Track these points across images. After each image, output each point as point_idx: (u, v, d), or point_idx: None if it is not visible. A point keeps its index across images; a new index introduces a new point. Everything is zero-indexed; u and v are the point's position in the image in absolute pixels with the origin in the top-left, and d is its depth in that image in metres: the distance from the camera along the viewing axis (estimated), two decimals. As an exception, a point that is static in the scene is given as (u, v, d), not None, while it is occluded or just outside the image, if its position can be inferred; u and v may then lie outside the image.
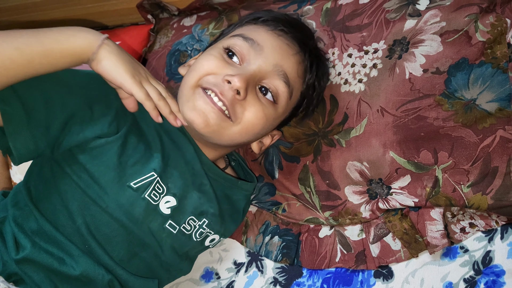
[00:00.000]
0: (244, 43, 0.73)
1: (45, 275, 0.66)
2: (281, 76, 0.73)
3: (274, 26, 0.76)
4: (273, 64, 0.72)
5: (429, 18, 0.77)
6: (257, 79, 0.72)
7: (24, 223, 0.68)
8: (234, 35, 0.75)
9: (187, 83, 0.72)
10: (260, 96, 0.73)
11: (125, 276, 0.70)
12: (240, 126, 0.71)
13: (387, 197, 0.77)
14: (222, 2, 1.04)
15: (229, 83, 0.68)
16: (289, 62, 0.74)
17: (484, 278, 0.65)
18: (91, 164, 0.68)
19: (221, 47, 0.74)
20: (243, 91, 0.68)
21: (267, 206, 0.89)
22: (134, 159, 0.69)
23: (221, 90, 0.69)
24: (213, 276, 0.86)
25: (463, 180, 0.71)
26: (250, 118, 0.71)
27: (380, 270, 0.74)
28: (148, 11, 1.14)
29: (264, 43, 0.73)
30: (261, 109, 0.72)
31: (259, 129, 0.74)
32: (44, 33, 0.61)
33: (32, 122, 0.63)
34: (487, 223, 0.69)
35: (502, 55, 0.72)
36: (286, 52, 0.74)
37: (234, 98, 0.69)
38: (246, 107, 0.71)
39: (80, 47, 0.62)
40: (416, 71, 0.77)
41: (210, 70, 0.71)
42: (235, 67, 0.72)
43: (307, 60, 0.77)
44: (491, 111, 0.71)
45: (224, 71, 0.70)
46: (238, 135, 0.72)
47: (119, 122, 0.70)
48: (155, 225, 0.71)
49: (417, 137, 0.75)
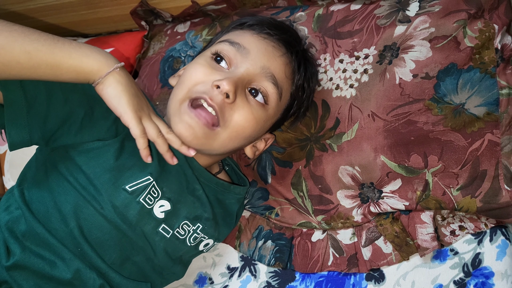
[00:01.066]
0: (230, 48, 0.74)
1: (35, 283, 0.66)
2: (269, 77, 0.74)
3: (259, 30, 0.77)
4: (260, 66, 0.73)
5: (419, 24, 0.79)
6: (246, 82, 0.72)
7: (14, 226, 0.68)
8: (220, 41, 0.76)
9: (176, 97, 0.73)
10: (250, 98, 0.73)
11: (117, 280, 0.70)
12: (229, 130, 0.72)
13: (378, 201, 0.78)
14: (216, 9, 1.05)
15: (218, 88, 0.69)
16: (276, 63, 0.75)
17: (474, 280, 0.66)
18: (87, 166, 0.68)
19: (208, 54, 0.75)
20: (232, 94, 0.69)
21: (260, 211, 0.89)
22: (131, 163, 0.70)
23: (210, 96, 0.69)
24: (206, 281, 0.86)
25: (453, 183, 0.72)
26: (239, 120, 0.72)
27: (371, 273, 0.75)
28: (141, 17, 1.15)
29: (250, 46, 0.74)
30: (250, 111, 0.72)
31: (250, 131, 0.74)
32: (61, 44, 0.61)
33: (31, 113, 0.63)
34: (476, 225, 0.70)
35: (490, 60, 0.73)
36: (273, 54, 0.75)
37: (223, 102, 0.69)
38: (235, 109, 0.71)
39: (89, 68, 0.62)
40: (406, 76, 0.78)
41: (198, 79, 0.72)
42: (223, 72, 0.72)
43: (294, 61, 0.78)
44: (480, 115, 0.72)
45: (212, 78, 0.71)
46: (228, 140, 0.73)
47: (118, 125, 0.71)
48: (149, 228, 0.71)
49: (407, 141, 0.76)
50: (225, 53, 0.74)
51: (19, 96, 0.62)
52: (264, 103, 0.74)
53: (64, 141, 0.68)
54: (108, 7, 1.15)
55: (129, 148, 0.71)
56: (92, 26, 1.25)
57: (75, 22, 1.23)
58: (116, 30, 1.27)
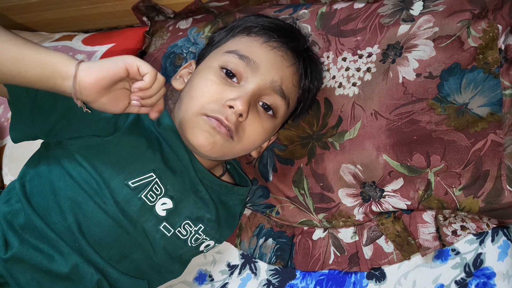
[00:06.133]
0: (240, 62, 0.74)
1: (32, 277, 0.65)
2: (278, 91, 0.76)
3: (267, 38, 0.77)
4: (270, 80, 0.75)
5: (423, 23, 0.78)
6: (257, 97, 0.74)
7: (13, 219, 0.68)
8: (228, 51, 0.76)
9: (189, 110, 0.73)
10: (260, 111, 0.76)
11: (115, 275, 0.70)
12: (241, 143, 0.74)
13: (380, 200, 0.78)
14: (218, 6, 1.04)
15: (231, 108, 0.70)
16: (284, 74, 0.77)
17: (475, 280, 0.66)
18: (88, 161, 0.69)
19: (216, 67, 0.75)
20: (246, 114, 0.71)
21: (261, 209, 0.89)
22: (133, 158, 0.70)
23: (225, 116, 0.70)
24: (206, 278, 0.86)
25: (455, 183, 0.72)
26: (251, 135, 0.75)
27: (372, 272, 0.75)
28: (143, 13, 1.14)
29: (259, 59, 0.75)
30: (261, 125, 0.75)
31: (260, 143, 0.78)
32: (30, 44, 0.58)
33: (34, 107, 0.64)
34: (478, 226, 0.70)
35: (494, 61, 0.73)
36: (281, 65, 0.77)
37: (237, 121, 0.71)
38: (247, 125, 0.74)
39: (55, 60, 0.58)
40: (409, 75, 0.77)
41: (210, 97, 0.72)
42: (234, 87, 0.73)
43: (301, 68, 0.80)
44: (483, 115, 0.72)
45: (224, 96, 0.72)
46: (240, 151, 0.77)
47: (117, 121, 0.71)
48: (149, 225, 0.71)
49: (410, 140, 0.76)
50: (235, 68, 0.74)
51: (22, 90, 0.63)
52: (272, 115, 0.77)
53: (63, 134, 0.68)
54: (110, 2, 1.15)
55: (130, 143, 0.71)
56: (93, 21, 1.25)
57: (76, 17, 1.22)
58: (117, 26, 1.26)
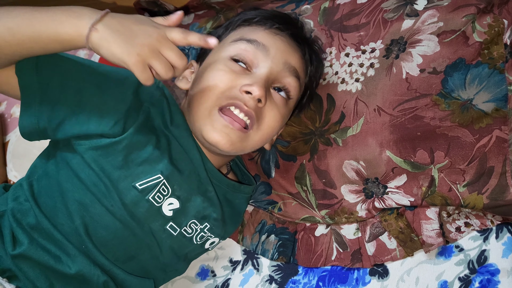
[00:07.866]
0: (249, 46, 0.73)
1: (41, 272, 0.66)
2: (292, 72, 0.75)
3: (269, 25, 0.77)
4: (282, 62, 0.74)
5: (427, 18, 0.78)
6: (271, 82, 0.73)
7: (23, 218, 0.67)
8: (235, 40, 0.75)
9: (203, 104, 0.71)
10: (276, 96, 0.75)
11: (122, 276, 0.70)
12: (261, 132, 0.73)
13: (383, 196, 0.78)
14: (220, 1, 1.04)
15: (248, 93, 0.69)
16: (293, 57, 0.76)
17: (479, 277, 0.65)
18: (96, 163, 0.67)
19: (226, 57, 0.73)
20: (264, 98, 0.70)
21: (263, 205, 0.89)
22: (141, 159, 0.68)
23: (244, 101, 0.69)
24: (208, 274, 0.86)
25: (459, 179, 0.72)
26: (270, 121, 0.74)
27: (375, 268, 0.75)
28: (145, 9, 1.14)
29: (267, 43, 0.74)
30: (278, 111, 0.74)
31: (278, 129, 0.77)
32: (39, 15, 0.59)
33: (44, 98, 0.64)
34: (482, 222, 0.70)
35: (499, 56, 0.73)
36: (290, 48, 0.76)
37: (256, 107, 0.70)
38: (265, 111, 0.73)
39: (67, 35, 0.58)
40: (413, 70, 0.77)
41: (225, 85, 0.71)
42: (247, 74, 0.72)
43: (307, 53, 0.80)
44: (488, 111, 0.72)
45: (239, 82, 0.70)
46: (259, 141, 0.75)
47: (127, 120, 0.68)
48: (156, 225, 0.71)
49: (413, 136, 0.75)
50: (245, 55, 0.73)
51: (33, 81, 0.63)
52: (287, 98, 0.76)
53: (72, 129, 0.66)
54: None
55: (140, 144, 0.69)
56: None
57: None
58: (119, 21, 1.25)
